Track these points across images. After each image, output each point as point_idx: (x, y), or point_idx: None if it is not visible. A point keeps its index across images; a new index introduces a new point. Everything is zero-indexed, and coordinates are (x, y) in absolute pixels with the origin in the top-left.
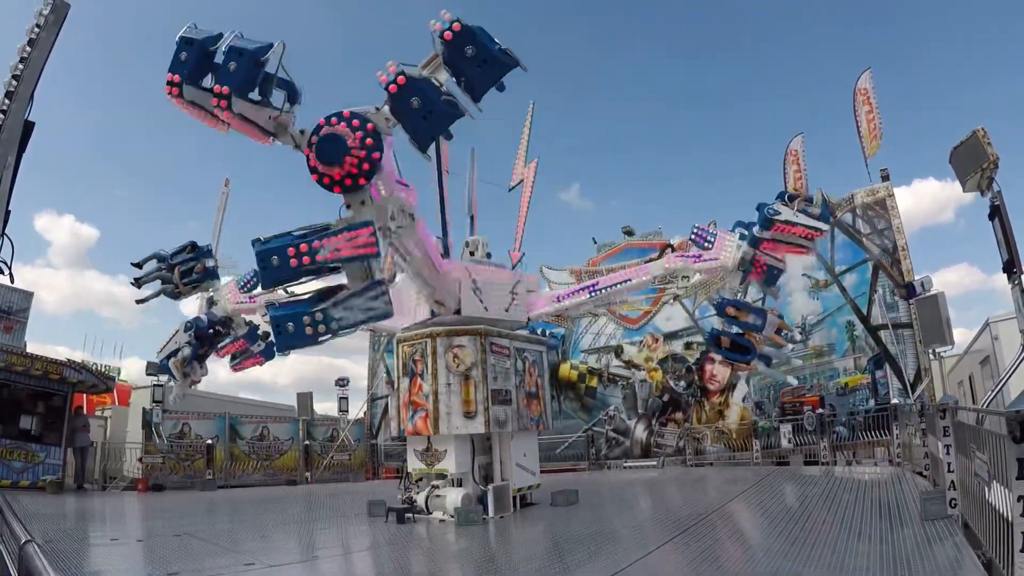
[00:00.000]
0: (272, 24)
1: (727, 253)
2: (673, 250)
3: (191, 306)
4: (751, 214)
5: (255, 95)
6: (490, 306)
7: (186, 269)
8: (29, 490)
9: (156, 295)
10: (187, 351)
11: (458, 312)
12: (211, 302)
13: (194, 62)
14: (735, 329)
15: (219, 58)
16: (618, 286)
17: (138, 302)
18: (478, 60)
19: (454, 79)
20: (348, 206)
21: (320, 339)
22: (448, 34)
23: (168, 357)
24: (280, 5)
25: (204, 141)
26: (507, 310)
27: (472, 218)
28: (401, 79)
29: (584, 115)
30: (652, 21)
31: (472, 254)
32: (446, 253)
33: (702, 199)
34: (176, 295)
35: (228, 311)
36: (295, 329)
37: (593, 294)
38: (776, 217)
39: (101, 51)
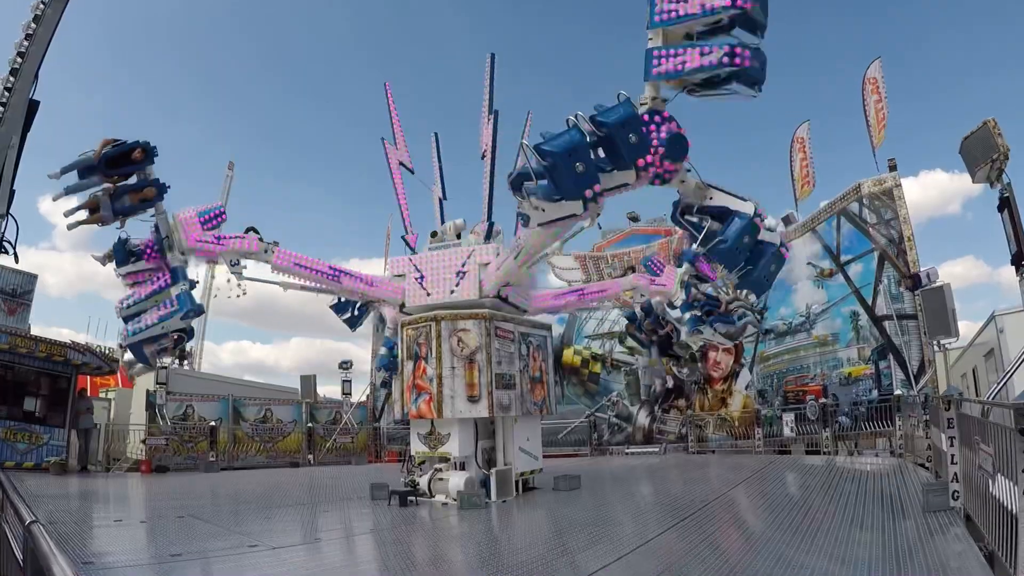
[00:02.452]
0: (277, 17)
1: (673, 282)
2: (634, 271)
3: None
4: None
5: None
6: (433, 291)
7: (127, 185)
8: (33, 471)
9: (87, 220)
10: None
11: (402, 307)
12: (156, 229)
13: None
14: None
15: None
16: (600, 294)
17: (70, 227)
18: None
19: None
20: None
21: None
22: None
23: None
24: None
25: (208, 124)
26: (453, 290)
27: (441, 202)
28: None
29: (590, 101)
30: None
31: (441, 240)
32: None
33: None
34: (110, 217)
35: (184, 246)
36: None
37: (581, 299)
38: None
39: (104, 33)
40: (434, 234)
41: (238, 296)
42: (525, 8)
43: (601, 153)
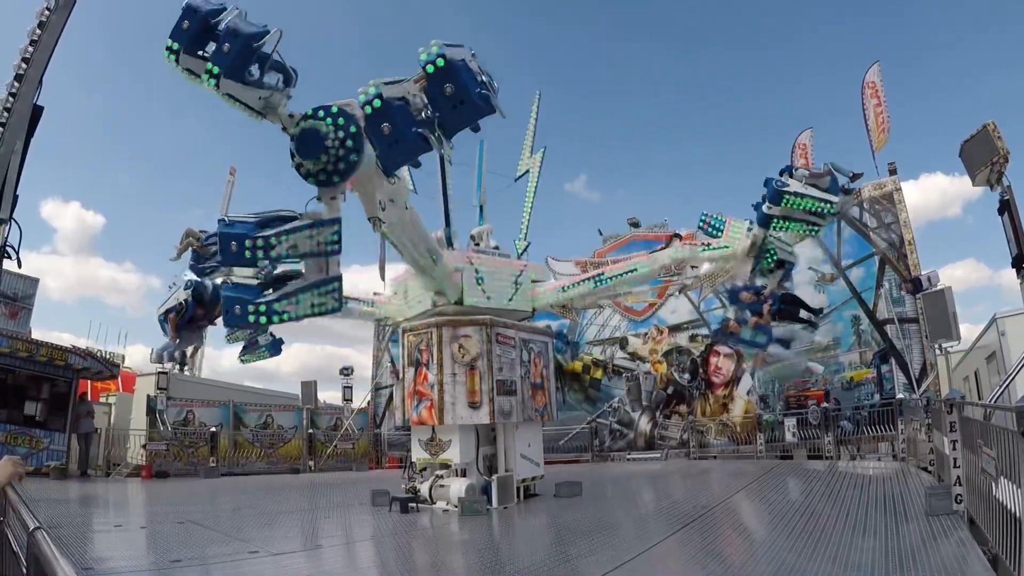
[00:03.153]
0: (281, 11)
1: (736, 240)
2: (681, 239)
3: None
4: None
5: (247, 76)
6: (493, 296)
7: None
8: (33, 476)
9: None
10: (180, 299)
11: (460, 303)
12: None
13: (195, 32)
14: (749, 315)
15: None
16: (624, 275)
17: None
18: (455, 100)
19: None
20: (319, 199)
21: (263, 327)
22: (431, 67)
23: (167, 313)
24: None
25: (210, 128)
26: (511, 300)
27: (481, 208)
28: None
29: (592, 106)
30: (660, 14)
31: (477, 244)
32: (449, 244)
33: (709, 191)
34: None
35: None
36: (241, 312)
37: (598, 283)
38: (785, 189)
39: (106, 37)
40: (472, 237)
41: None
42: (526, 18)
43: None
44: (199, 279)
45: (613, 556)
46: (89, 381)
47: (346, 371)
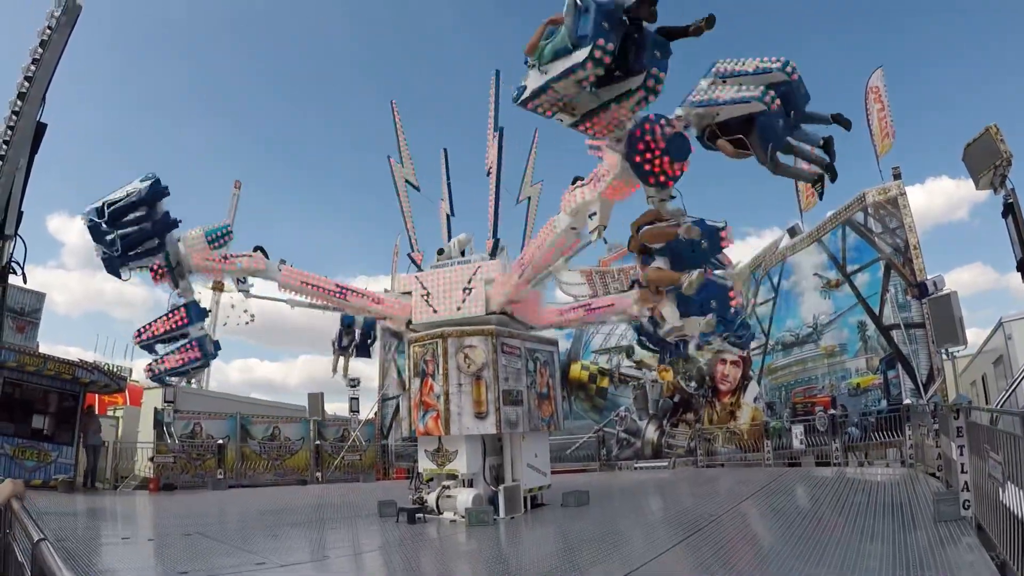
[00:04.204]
0: (282, 23)
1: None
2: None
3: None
4: (764, 214)
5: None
6: (439, 307)
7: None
8: (41, 489)
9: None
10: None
11: (409, 324)
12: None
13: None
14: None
15: None
16: (606, 309)
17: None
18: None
19: None
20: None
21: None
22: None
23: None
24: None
25: (214, 142)
26: (460, 307)
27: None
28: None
29: None
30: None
31: (439, 257)
32: (416, 265)
33: (715, 199)
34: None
35: (190, 265)
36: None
37: (588, 314)
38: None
39: (110, 52)
40: (440, 251)
41: (247, 323)
42: (531, 24)
43: None
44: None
45: (621, 564)
46: (97, 394)
47: (353, 382)
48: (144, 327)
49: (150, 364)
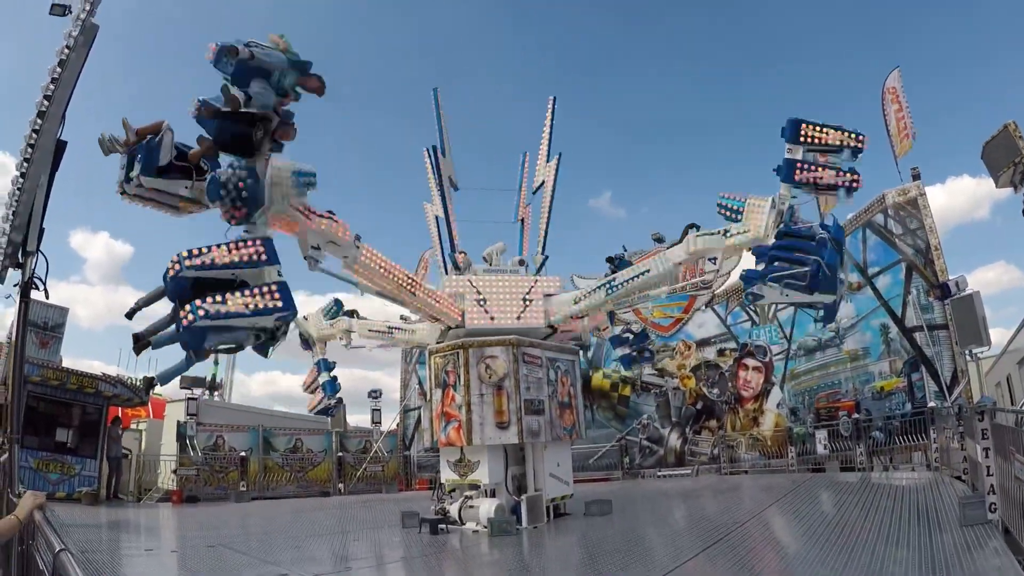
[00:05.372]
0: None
1: (757, 220)
2: (697, 229)
3: None
4: None
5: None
6: (497, 316)
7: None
8: (65, 501)
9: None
10: None
11: (462, 326)
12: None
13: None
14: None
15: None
16: (637, 279)
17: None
18: None
19: None
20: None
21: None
22: None
23: None
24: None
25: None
26: (519, 317)
27: (522, 222)
28: None
29: (616, 121)
30: (684, 31)
31: (489, 264)
32: (456, 268)
33: None
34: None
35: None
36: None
37: (610, 291)
38: (804, 119)
39: (126, 69)
40: (484, 257)
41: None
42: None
43: None
44: None
45: (645, 573)
46: (120, 408)
47: (374, 394)
48: (190, 252)
49: (182, 310)
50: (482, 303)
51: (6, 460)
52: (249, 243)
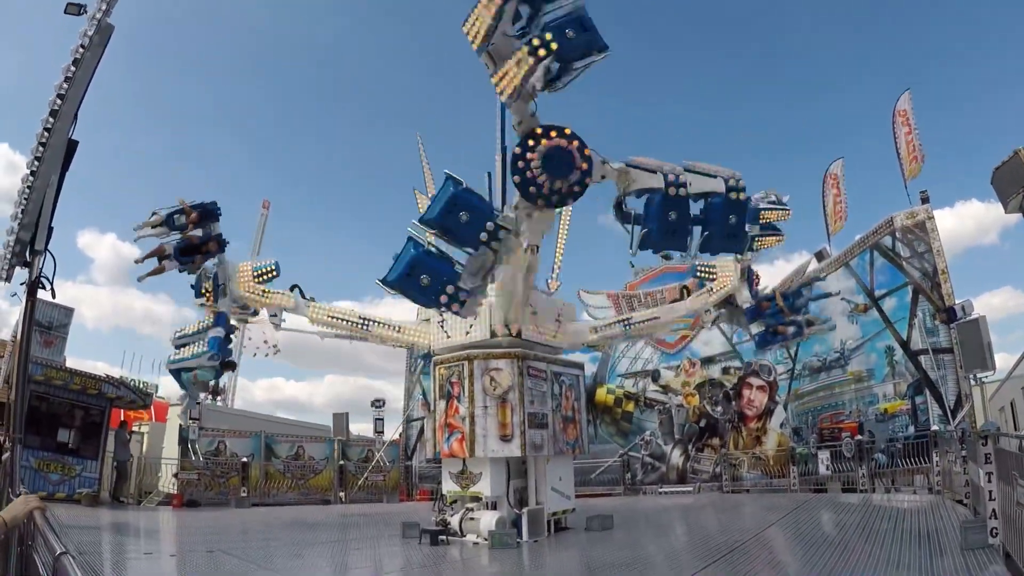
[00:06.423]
0: (308, 46)
1: (729, 276)
2: (689, 292)
3: None
4: (792, 238)
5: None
6: (452, 332)
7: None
8: (65, 502)
9: (154, 270)
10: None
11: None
12: (215, 277)
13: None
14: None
15: None
16: (648, 322)
17: (140, 279)
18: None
19: None
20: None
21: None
22: None
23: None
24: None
25: (241, 164)
26: (468, 331)
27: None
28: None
29: (624, 138)
30: (695, 48)
31: None
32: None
33: None
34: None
35: (236, 294)
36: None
37: (627, 327)
38: (760, 207)
39: (140, 74)
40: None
41: (270, 355)
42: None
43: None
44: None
45: None
46: (122, 410)
47: (378, 403)
48: (181, 328)
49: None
50: (441, 324)
51: (8, 459)
52: (208, 319)
